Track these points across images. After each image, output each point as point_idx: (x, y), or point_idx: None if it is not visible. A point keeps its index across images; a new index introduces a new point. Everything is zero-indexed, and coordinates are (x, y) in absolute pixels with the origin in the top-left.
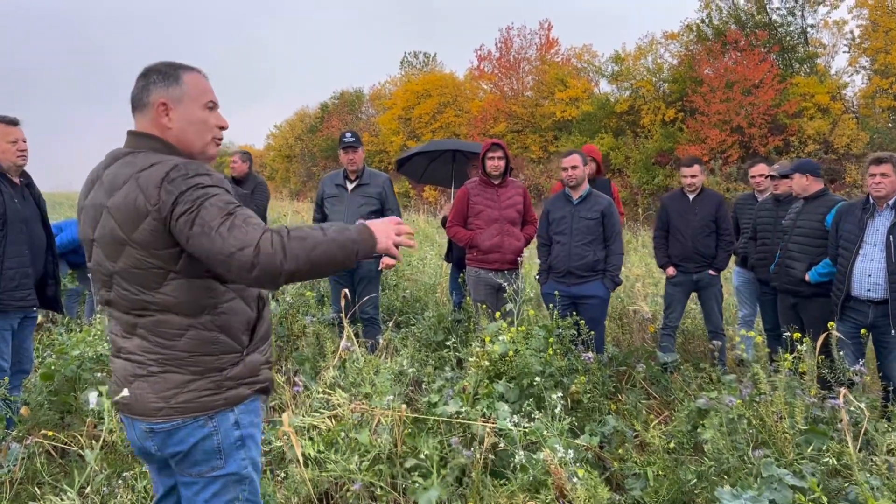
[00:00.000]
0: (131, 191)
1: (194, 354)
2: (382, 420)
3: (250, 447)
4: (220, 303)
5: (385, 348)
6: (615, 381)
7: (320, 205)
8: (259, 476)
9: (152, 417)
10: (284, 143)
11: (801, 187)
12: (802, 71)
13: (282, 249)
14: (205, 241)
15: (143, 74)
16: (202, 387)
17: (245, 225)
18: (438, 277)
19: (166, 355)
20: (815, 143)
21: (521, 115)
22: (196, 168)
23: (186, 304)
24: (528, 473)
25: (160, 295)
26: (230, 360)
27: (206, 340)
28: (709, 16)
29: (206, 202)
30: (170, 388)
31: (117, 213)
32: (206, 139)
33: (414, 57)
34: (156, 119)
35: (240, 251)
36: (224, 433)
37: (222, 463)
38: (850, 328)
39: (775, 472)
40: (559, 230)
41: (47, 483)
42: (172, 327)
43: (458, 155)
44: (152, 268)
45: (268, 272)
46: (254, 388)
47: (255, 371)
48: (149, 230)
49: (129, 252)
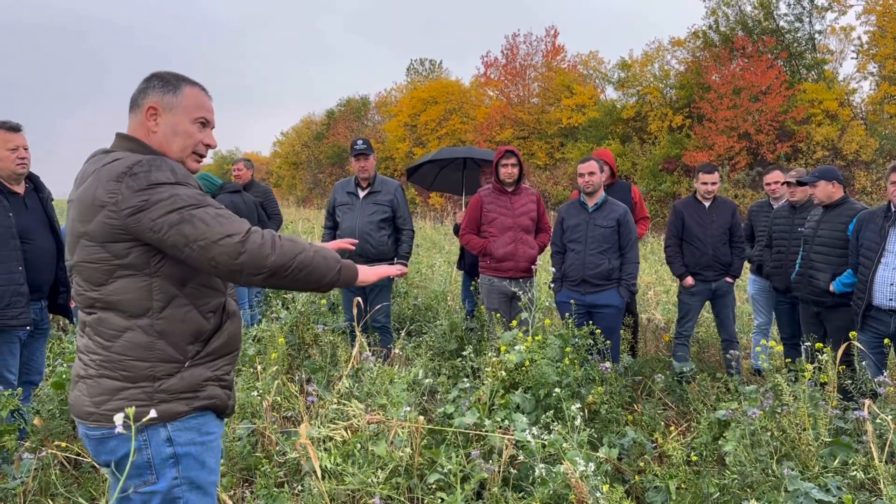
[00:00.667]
0: (91, 184)
1: (127, 358)
2: (399, 432)
3: (188, 466)
4: (166, 307)
5: (397, 357)
6: (630, 390)
7: (332, 212)
8: (207, 500)
9: (85, 421)
10: (291, 150)
11: (825, 194)
12: (810, 77)
13: (271, 242)
14: (186, 228)
15: (147, 78)
16: (133, 396)
17: (231, 217)
18: (448, 285)
19: (103, 357)
20: (824, 150)
21: (527, 122)
22: (160, 164)
23: (128, 303)
24: (548, 487)
25: (105, 291)
26: (165, 370)
27: (141, 345)
28: (716, 22)
29: (179, 194)
30: (102, 394)
31: (78, 206)
32: (187, 152)
33: (420, 64)
34: (143, 121)
35: (228, 237)
36: (155, 448)
37: (154, 479)
38: (871, 338)
39: (801, 486)
40: (574, 238)
41: (61, 494)
42: (112, 327)
43: (469, 162)
44: (101, 262)
45: (254, 260)
46: (192, 405)
47: (195, 386)
48: (102, 222)
49: (83, 245)
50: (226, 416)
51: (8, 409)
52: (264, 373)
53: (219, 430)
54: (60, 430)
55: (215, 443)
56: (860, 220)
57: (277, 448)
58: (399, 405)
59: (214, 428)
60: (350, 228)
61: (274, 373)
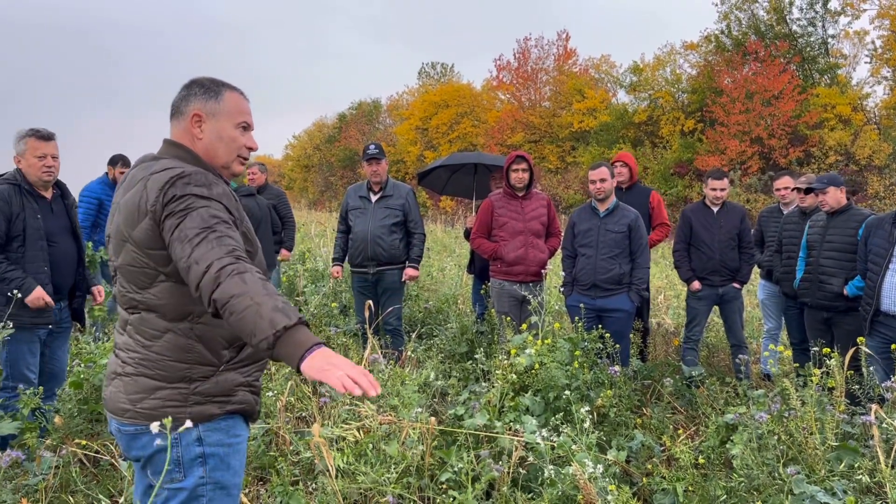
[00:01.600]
0: (139, 191)
1: (166, 359)
2: (410, 432)
3: (215, 466)
4: (205, 312)
5: (409, 360)
6: (640, 394)
7: (345, 216)
8: (229, 501)
9: (120, 417)
10: (303, 153)
11: (835, 201)
12: (823, 81)
13: (216, 279)
14: (176, 248)
15: (187, 85)
16: (169, 396)
17: (215, 243)
18: (459, 288)
19: (142, 355)
20: (837, 155)
21: (538, 126)
22: (200, 179)
23: (169, 307)
24: (556, 488)
25: (148, 295)
26: (201, 373)
27: (180, 347)
28: (728, 27)
29: (193, 212)
30: (138, 392)
31: (124, 211)
32: (232, 156)
33: (431, 67)
34: (188, 128)
35: (196, 265)
36: (185, 447)
37: (181, 476)
38: (879, 343)
39: (807, 489)
40: (585, 243)
41: (80, 491)
42: (153, 328)
43: (480, 167)
44: (145, 267)
45: (203, 293)
46: (224, 408)
47: (228, 391)
48: (145, 229)
49: (128, 249)
50: (252, 421)
51: (29, 408)
52: (277, 374)
53: (245, 434)
54: (80, 428)
55: (242, 445)
56: (868, 226)
57: (291, 448)
58: (410, 406)
59: (242, 431)
60: (362, 232)
61: (287, 374)
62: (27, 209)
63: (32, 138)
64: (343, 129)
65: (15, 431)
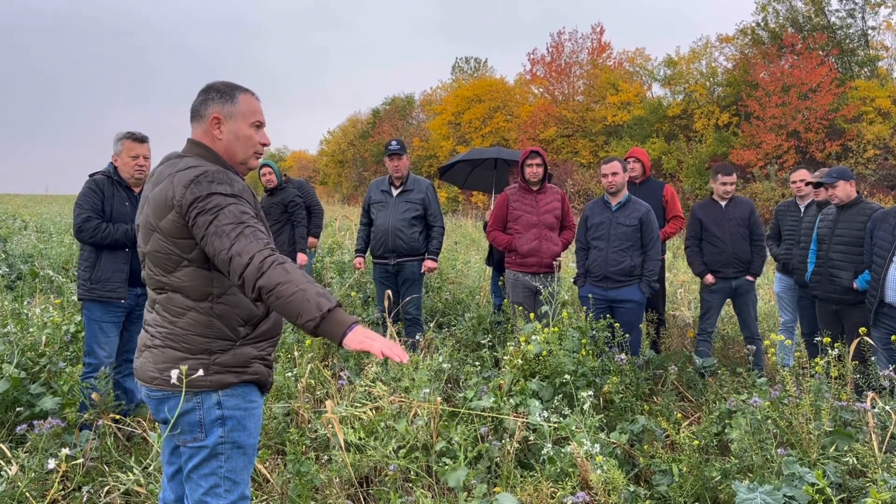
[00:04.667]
0: (166, 186)
1: (190, 333)
2: (419, 412)
3: (233, 428)
4: (224, 294)
5: (426, 347)
6: (651, 383)
7: (367, 210)
8: (245, 459)
9: (149, 384)
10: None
11: (845, 194)
12: (863, 74)
13: (259, 269)
14: (215, 242)
15: (205, 90)
16: (191, 366)
17: (252, 237)
18: (481, 280)
19: (169, 330)
20: (875, 149)
21: (571, 120)
22: (221, 177)
23: (192, 289)
24: (555, 465)
25: (173, 277)
26: (220, 346)
27: (201, 323)
28: (765, 19)
29: (225, 209)
30: (165, 362)
31: (153, 203)
32: (249, 153)
33: (465, 62)
34: (209, 130)
35: (238, 256)
36: (206, 410)
37: (202, 436)
38: (883, 334)
39: (797, 470)
40: (597, 235)
41: (115, 461)
42: (178, 306)
43: (500, 162)
44: (170, 253)
45: (247, 282)
46: (241, 377)
47: (244, 363)
48: (172, 221)
49: (155, 238)
50: (266, 391)
51: (69, 385)
52: (301, 358)
53: (259, 401)
54: (116, 405)
55: (257, 410)
56: (874, 220)
57: (309, 425)
58: (420, 388)
59: (256, 398)
60: (384, 225)
61: (309, 358)
62: (116, 197)
63: (129, 140)
64: (377, 124)
65: (55, 407)
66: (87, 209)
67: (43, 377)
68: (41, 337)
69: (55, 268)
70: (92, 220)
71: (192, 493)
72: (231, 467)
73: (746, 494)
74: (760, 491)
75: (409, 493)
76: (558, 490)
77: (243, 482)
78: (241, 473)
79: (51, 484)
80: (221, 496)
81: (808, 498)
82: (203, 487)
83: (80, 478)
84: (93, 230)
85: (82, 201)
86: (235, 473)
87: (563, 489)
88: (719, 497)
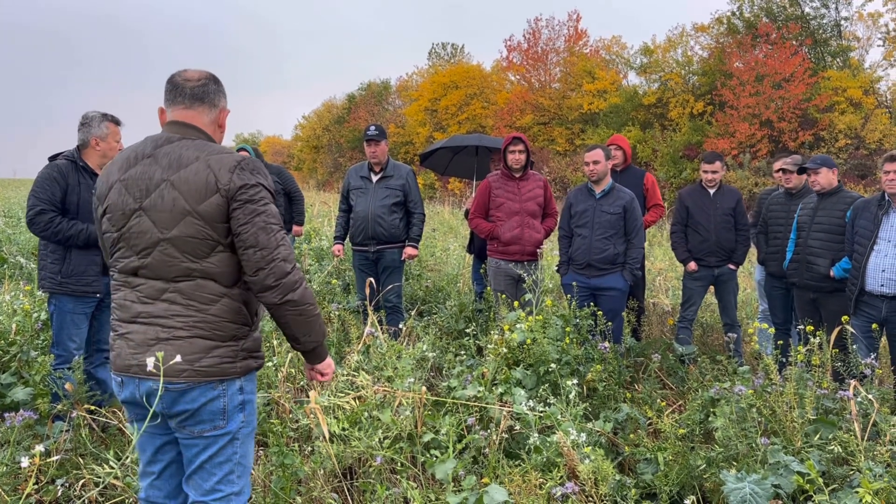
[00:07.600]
0: (202, 169)
1: (223, 320)
2: (403, 401)
3: (251, 411)
4: (243, 280)
5: (408, 335)
6: (632, 371)
7: (346, 196)
8: (252, 443)
9: (174, 378)
10: (312, 133)
11: (827, 181)
12: (835, 64)
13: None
14: (261, 236)
15: (214, 80)
16: (223, 354)
17: (288, 244)
18: (461, 268)
19: (198, 318)
20: (847, 138)
21: (547, 107)
22: (260, 167)
23: (226, 275)
24: (541, 454)
25: (206, 263)
26: (244, 333)
27: (233, 309)
28: (740, 8)
29: (271, 206)
30: (196, 352)
31: (183, 186)
32: None
33: (442, 48)
34: (216, 119)
35: (283, 260)
36: (230, 396)
37: (224, 423)
38: (864, 322)
39: (782, 458)
40: (581, 223)
41: (90, 453)
42: (210, 293)
43: (482, 149)
44: (207, 238)
45: (279, 287)
46: (258, 361)
47: (258, 347)
48: (216, 205)
49: (189, 221)
50: None
51: (41, 375)
52: (280, 347)
53: None
54: (90, 395)
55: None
56: (856, 209)
57: (291, 416)
58: (404, 377)
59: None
60: (363, 212)
61: (289, 347)
62: (82, 185)
63: (112, 123)
64: (352, 109)
65: (27, 397)
66: (44, 200)
67: (13, 367)
68: (11, 325)
69: (24, 254)
70: (46, 214)
71: (202, 483)
72: (244, 452)
73: (735, 484)
74: (749, 480)
75: (395, 485)
76: (546, 480)
77: (250, 466)
78: (250, 458)
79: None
80: (234, 482)
81: (795, 486)
82: (217, 476)
83: (55, 471)
84: (45, 224)
85: (39, 190)
86: (246, 458)
87: (551, 480)
88: (704, 485)
